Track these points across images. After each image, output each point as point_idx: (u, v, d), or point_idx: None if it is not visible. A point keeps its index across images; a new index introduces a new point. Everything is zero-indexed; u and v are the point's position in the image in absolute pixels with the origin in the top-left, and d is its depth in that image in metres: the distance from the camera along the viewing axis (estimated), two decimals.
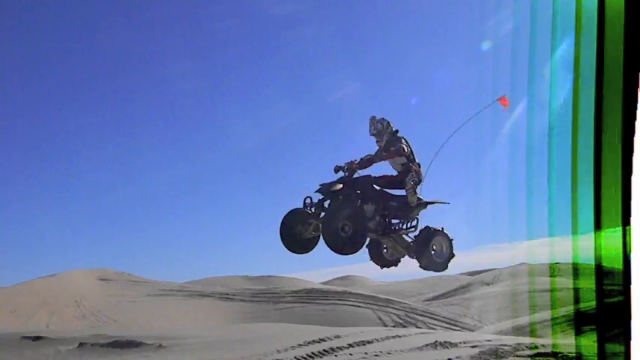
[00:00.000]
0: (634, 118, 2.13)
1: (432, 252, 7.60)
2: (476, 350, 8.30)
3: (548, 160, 3.02)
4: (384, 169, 7.79)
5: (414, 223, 7.65)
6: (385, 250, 8.08)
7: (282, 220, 7.41)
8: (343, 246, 7.09)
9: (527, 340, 9.74)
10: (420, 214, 7.61)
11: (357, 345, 8.92)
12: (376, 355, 8.05)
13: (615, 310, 2.51)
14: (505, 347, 8.39)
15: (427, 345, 8.60)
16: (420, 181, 7.56)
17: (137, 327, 19.52)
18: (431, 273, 8.78)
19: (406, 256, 8.25)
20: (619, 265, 2.37)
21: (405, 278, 47.96)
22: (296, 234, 7.45)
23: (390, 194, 7.67)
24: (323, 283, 45.14)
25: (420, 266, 7.68)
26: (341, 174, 7.44)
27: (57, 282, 29.10)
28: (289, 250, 7.65)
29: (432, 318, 27.06)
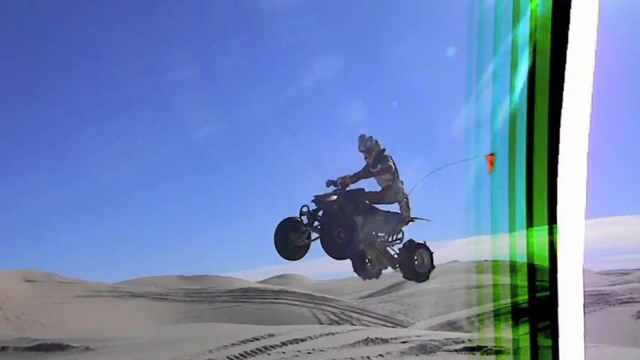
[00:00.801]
0: (559, 122, 2.26)
1: (415, 263, 8.22)
2: (406, 346, 8.49)
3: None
4: (369, 184, 8.37)
5: (399, 236, 8.29)
6: (368, 263, 8.60)
7: (277, 228, 7.94)
8: (339, 251, 7.64)
9: (454, 334, 10.05)
10: (404, 228, 8.29)
11: (291, 343, 8.93)
12: (309, 353, 8.09)
13: (543, 305, 2.62)
14: (433, 342, 8.62)
15: (359, 342, 8.73)
16: (404, 196, 8.11)
17: (64, 329, 18.76)
18: None
19: (389, 267, 8.98)
20: (546, 261, 2.47)
21: (342, 276, 48.43)
22: (289, 241, 7.94)
23: (378, 209, 8.27)
24: (260, 282, 44.95)
25: (404, 276, 8.42)
26: (332, 188, 8.00)
27: None
28: (281, 256, 8.10)
29: (366, 315, 27.47)
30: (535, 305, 2.76)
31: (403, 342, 8.73)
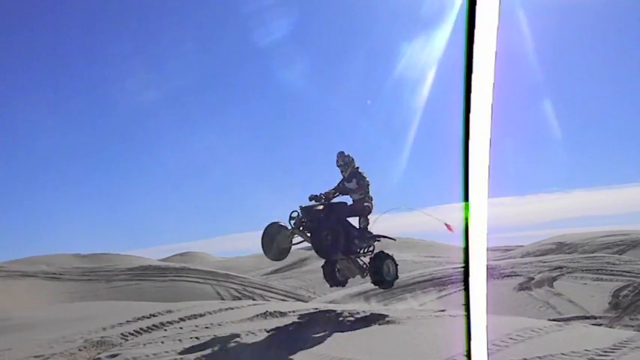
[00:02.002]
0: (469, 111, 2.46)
1: (384, 272, 9.71)
2: (303, 319, 8.74)
3: None
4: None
5: (370, 248, 9.87)
6: (338, 272, 10.23)
7: (264, 232, 9.42)
8: (326, 250, 9.05)
9: (351, 307, 10.45)
10: (374, 242, 9.89)
11: (189, 318, 8.89)
12: (207, 328, 8.11)
13: (456, 278, 2.78)
14: (329, 314, 8.93)
15: (258, 315, 8.85)
16: (371, 211, 9.73)
17: None
18: None
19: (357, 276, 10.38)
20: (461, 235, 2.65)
21: (246, 254, 48.45)
22: (274, 244, 9.44)
23: (353, 224, 9.70)
24: (162, 260, 43.98)
25: (374, 283, 9.99)
26: (314, 202, 9.46)
27: None
28: (267, 256, 9.75)
29: (269, 291, 27.76)
30: (445, 276, 2.95)
31: (301, 315, 8.98)
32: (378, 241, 9.96)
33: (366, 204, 9.72)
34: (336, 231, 9.09)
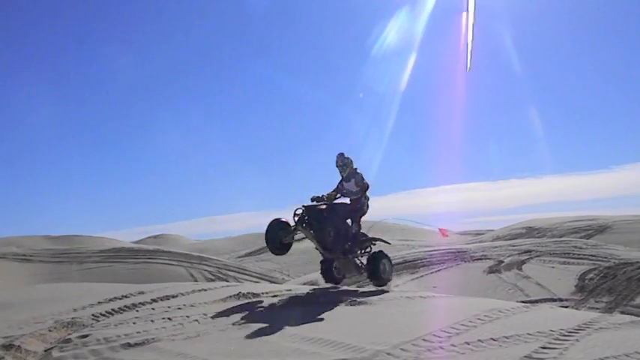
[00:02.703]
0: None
1: (380, 270, 10.29)
2: (276, 299, 8.79)
3: None
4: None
5: (367, 250, 10.55)
6: (335, 269, 10.64)
7: (268, 227, 9.83)
8: (329, 244, 9.71)
9: (323, 288, 10.54)
10: (370, 244, 10.57)
11: (161, 299, 8.87)
12: (179, 309, 8.11)
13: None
14: (302, 295, 9.01)
15: (231, 296, 8.88)
16: (366, 211, 10.32)
17: None
18: (245, 231, 10.77)
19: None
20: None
21: (221, 236, 48.41)
22: (277, 238, 9.87)
23: (352, 226, 10.27)
24: (135, 242, 43.62)
25: (370, 279, 10.55)
26: (315, 202, 10.00)
27: None
28: (270, 250, 10.03)
29: (243, 273, 27.80)
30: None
31: (274, 295, 9.04)
32: (374, 244, 10.62)
33: (361, 204, 10.21)
34: (338, 228, 9.79)
